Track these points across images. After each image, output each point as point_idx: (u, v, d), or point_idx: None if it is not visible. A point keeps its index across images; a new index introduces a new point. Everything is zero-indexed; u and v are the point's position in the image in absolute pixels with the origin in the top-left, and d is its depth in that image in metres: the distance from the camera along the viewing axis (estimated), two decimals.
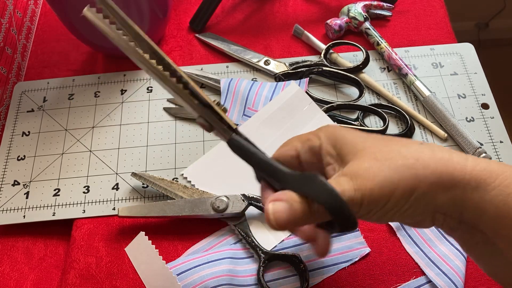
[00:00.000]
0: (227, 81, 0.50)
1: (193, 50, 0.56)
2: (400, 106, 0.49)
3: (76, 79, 0.54)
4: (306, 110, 0.48)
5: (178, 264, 0.40)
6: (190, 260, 0.40)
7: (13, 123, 0.51)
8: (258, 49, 0.56)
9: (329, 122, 0.47)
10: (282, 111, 0.48)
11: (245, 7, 0.60)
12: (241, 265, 0.41)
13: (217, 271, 0.39)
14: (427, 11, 0.58)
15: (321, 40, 0.55)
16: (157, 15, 0.52)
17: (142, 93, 0.53)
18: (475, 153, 0.45)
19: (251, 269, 0.41)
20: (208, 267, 0.39)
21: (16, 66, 0.57)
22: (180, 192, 0.44)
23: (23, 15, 0.59)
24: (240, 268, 0.41)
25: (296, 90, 0.48)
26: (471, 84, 0.51)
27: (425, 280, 0.40)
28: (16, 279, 0.44)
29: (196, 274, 0.39)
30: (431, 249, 0.41)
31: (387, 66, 0.53)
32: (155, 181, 0.45)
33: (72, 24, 0.50)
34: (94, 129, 0.51)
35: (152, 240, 0.39)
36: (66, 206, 0.46)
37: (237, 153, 0.31)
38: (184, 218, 0.44)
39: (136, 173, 0.45)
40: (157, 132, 0.50)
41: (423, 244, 0.42)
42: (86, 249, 0.43)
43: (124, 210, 0.43)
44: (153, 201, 0.45)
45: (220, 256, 0.41)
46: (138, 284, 0.41)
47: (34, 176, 0.48)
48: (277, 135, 0.47)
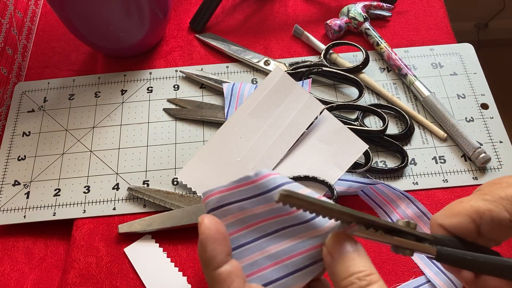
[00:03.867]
0: (229, 86, 0.50)
1: (193, 50, 0.56)
2: (400, 106, 0.49)
3: (77, 79, 0.54)
4: (293, 95, 0.46)
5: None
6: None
7: (14, 123, 0.51)
8: (258, 49, 0.56)
9: (317, 105, 0.46)
10: (269, 99, 0.47)
11: (245, 8, 0.60)
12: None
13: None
14: (427, 11, 0.58)
15: (321, 40, 0.55)
16: (157, 15, 0.52)
17: (142, 93, 0.53)
18: (474, 153, 0.45)
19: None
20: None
21: (17, 67, 0.57)
22: (177, 202, 0.44)
23: (24, 15, 0.60)
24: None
25: (280, 76, 0.47)
26: (471, 84, 0.51)
27: (424, 279, 0.40)
28: (17, 279, 0.44)
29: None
30: None
31: (387, 66, 0.53)
32: (151, 193, 0.45)
33: (72, 24, 0.50)
34: (95, 129, 0.51)
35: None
36: (66, 206, 0.46)
37: (452, 264, 0.28)
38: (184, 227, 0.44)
39: (132, 188, 0.45)
40: (157, 132, 0.50)
41: None
42: (87, 249, 0.44)
43: (124, 226, 0.43)
44: (152, 202, 0.45)
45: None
46: (138, 284, 0.42)
47: (34, 176, 0.48)
48: (266, 126, 0.46)
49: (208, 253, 0.26)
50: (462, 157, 0.47)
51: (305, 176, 0.43)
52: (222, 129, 0.47)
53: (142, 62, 0.55)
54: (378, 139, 0.47)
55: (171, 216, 0.43)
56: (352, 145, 0.44)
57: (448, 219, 0.28)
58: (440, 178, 0.46)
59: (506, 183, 0.28)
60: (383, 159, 0.47)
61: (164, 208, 0.44)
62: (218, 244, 0.26)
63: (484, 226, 0.27)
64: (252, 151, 0.45)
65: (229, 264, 0.26)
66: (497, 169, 0.46)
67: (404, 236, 0.27)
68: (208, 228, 0.26)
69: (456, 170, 0.46)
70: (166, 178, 0.47)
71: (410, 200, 0.42)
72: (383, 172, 0.46)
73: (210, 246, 0.26)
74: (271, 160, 0.45)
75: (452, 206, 0.29)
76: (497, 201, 0.27)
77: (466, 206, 0.28)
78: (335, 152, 0.44)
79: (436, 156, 0.47)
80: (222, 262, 0.26)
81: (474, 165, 0.46)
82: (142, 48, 0.56)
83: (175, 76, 0.54)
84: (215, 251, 0.26)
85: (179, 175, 0.46)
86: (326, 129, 0.46)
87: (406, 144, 0.48)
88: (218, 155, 0.46)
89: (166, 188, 0.46)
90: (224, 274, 0.25)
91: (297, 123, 0.46)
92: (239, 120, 0.47)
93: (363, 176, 0.45)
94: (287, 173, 0.44)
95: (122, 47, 0.54)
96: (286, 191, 0.24)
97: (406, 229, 0.27)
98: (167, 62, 0.55)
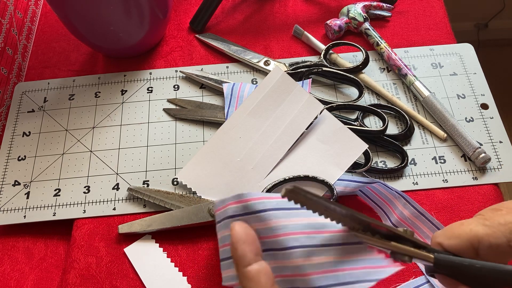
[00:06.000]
0: (229, 86, 0.50)
1: (193, 50, 0.56)
2: (400, 107, 0.49)
3: (77, 79, 0.54)
4: (293, 95, 0.46)
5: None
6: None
7: (14, 123, 0.51)
8: (258, 49, 0.56)
9: (317, 105, 0.46)
10: (269, 98, 0.47)
11: (245, 8, 0.60)
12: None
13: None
14: (427, 11, 0.58)
15: (321, 40, 0.55)
16: (157, 15, 0.52)
17: (143, 94, 0.53)
18: (474, 153, 0.45)
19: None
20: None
21: (17, 67, 0.57)
22: (177, 202, 0.44)
23: (24, 15, 0.60)
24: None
25: (280, 75, 0.47)
26: (471, 84, 0.51)
27: (424, 279, 0.40)
28: (17, 279, 0.44)
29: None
30: None
31: (387, 66, 0.53)
32: (151, 194, 0.45)
33: (72, 24, 0.50)
34: (95, 129, 0.51)
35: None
36: (66, 206, 0.46)
37: (448, 273, 0.28)
38: (184, 228, 0.44)
39: (132, 188, 0.45)
40: (157, 133, 0.50)
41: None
42: (87, 249, 0.44)
43: (124, 227, 0.43)
44: (152, 202, 0.45)
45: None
46: (138, 284, 0.42)
47: (34, 176, 0.48)
48: (266, 126, 0.46)
49: (238, 252, 0.28)
50: (462, 157, 0.47)
51: (305, 176, 0.43)
52: (222, 129, 0.47)
53: (142, 62, 0.56)
54: (378, 139, 0.47)
55: (171, 216, 0.43)
56: (351, 145, 0.44)
57: (447, 240, 0.29)
58: (440, 178, 0.46)
59: (507, 209, 0.29)
60: (383, 159, 0.47)
61: (164, 209, 0.44)
62: (248, 245, 0.28)
63: (482, 250, 0.28)
64: (252, 151, 0.45)
65: (258, 264, 0.28)
66: (497, 169, 0.46)
67: (402, 242, 0.28)
68: (238, 231, 0.29)
69: (456, 170, 0.46)
70: (166, 178, 0.47)
71: (406, 200, 0.42)
72: (383, 172, 0.46)
73: (240, 246, 0.28)
74: (271, 160, 0.45)
75: (453, 227, 0.30)
76: (495, 227, 0.28)
77: (466, 230, 0.29)
78: (335, 152, 0.45)
79: (436, 156, 0.47)
80: (252, 261, 0.28)
81: (474, 165, 0.46)
82: (142, 48, 0.56)
83: (175, 76, 0.54)
84: (245, 250, 0.28)
85: (179, 175, 0.46)
86: (326, 129, 0.46)
87: (406, 144, 0.48)
88: (218, 155, 0.46)
89: (166, 188, 0.46)
90: (253, 272, 0.27)
91: (297, 123, 0.46)
92: (238, 120, 0.47)
93: (362, 176, 0.45)
94: (287, 173, 0.44)
95: (122, 47, 0.54)
96: (292, 187, 0.25)
97: (405, 236, 0.28)
98: (167, 62, 0.55)
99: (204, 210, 0.43)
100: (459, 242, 0.28)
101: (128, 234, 0.44)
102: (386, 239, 0.28)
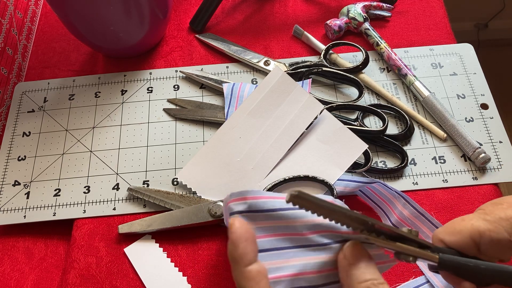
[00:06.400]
0: (229, 86, 0.50)
1: (193, 50, 0.56)
2: (400, 107, 0.49)
3: (77, 79, 0.54)
4: (293, 95, 0.46)
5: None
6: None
7: (14, 123, 0.52)
8: (258, 49, 0.56)
9: (317, 105, 0.46)
10: (269, 98, 0.47)
11: (245, 8, 0.60)
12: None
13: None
14: (427, 11, 0.58)
15: (320, 40, 0.55)
16: (157, 15, 0.52)
17: (143, 94, 0.53)
18: (474, 153, 0.45)
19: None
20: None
21: (17, 67, 0.57)
22: (178, 202, 0.44)
23: (24, 15, 0.60)
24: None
25: (280, 76, 0.47)
26: (471, 84, 0.51)
27: (424, 279, 0.40)
28: (17, 279, 0.44)
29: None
30: None
31: (387, 66, 0.53)
32: (151, 194, 0.45)
33: (72, 24, 0.50)
34: (95, 129, 0.51)
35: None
36: (66, 206, 0.46)
37: (454, 271, 0.28)
38: (184, 228, 0.44)
39: (132, 188, 0.45)
40: (157, 133, 0.50)
41: None
42: (87, 249, 0.44)
43: (124, 227, 0.43)
44: (152, 202, 0.45)
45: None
46: (138, 284, 0.42)
47: (34, 176, 0.48)
48: (266, 126, 0.46)
49: (240, 250, 0.27)
50: (462, 157, 0.47)
51: (305, 176, 0.43)
52: (222, 129, 0.47)
53: (142, 62, 0.56)
54: (378, 139, 0.47)
55: (171, 216, 0.43)
56: (351, 145, 0.44)
57: (449, 236, 0.29)
58: (440, 178, 0.46)
59: (507, 203, 0.29)
60: (383, 159, 0.47)
61: (164, 209, 0.44)
62: (249, 243, 0.27)
63: (483, 245, 0.28)
64: (251, 151, 0.45)
65: (258, 264, 0.27)
66: (497, 169, 0.46)
67: (407, 243, 0.28)
68: (239, 228, 0.28)
69: (456, 170, 0.46)
70: (166, 178, 0.47)
71: (406, 200, 0.42)
72: (383, 172, 0.46)
73: (242, 244, 0.27)
74: (271, 160, 0.45)
75: (454, 223, 0.30)
76: (497, 222, 0.28)
77: (467, 225, 0.29)
78: (335, 152, 0.45)
79: (436, 156, 0.47)
80: (253, 260, 0.27)
81: (474, 165, 0.46)
82: (142, 48, 0.56)
83: (175, 76, 0.54)
84: (247, 249, 0.27)
85: (179, 175, 0.46)
86: (326, 129, 0.46)
87: (406, 144, 0.48)
88: (218, 155, 0.46)
89: (166, 188, 0.46)
90: (254, 272, 0.27)
91: (297, 123, 0.46)
92: (238, 120, 0.47)
93: (362, 176, 0.45)
94: (287, 173, 0.44)
95: (122, 47, 0.54)
96: (297, 192, 0.25)
97: (409, 236, 0.28)
98: (167, 62, 0.55)
99: (204, 210, 0.43)
100: (461, 238, 0.28)
101: (128, 234, 0.44)
102: (391, 240, 0.28)
